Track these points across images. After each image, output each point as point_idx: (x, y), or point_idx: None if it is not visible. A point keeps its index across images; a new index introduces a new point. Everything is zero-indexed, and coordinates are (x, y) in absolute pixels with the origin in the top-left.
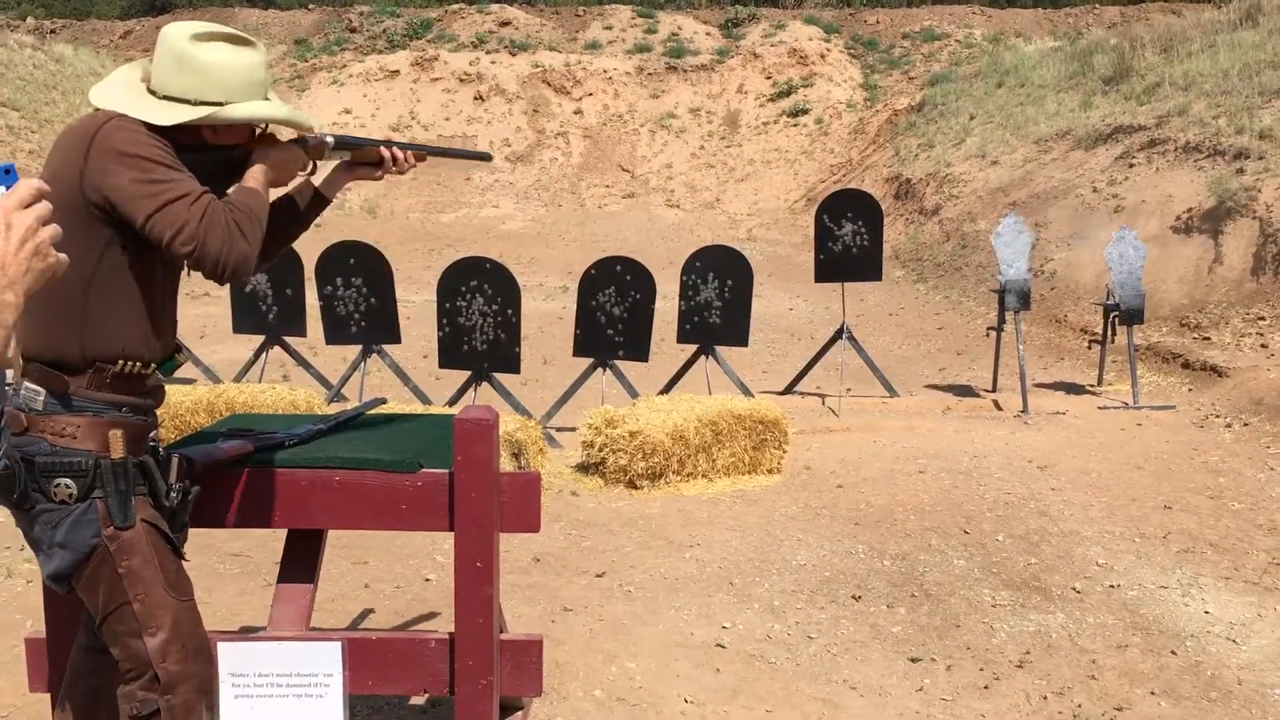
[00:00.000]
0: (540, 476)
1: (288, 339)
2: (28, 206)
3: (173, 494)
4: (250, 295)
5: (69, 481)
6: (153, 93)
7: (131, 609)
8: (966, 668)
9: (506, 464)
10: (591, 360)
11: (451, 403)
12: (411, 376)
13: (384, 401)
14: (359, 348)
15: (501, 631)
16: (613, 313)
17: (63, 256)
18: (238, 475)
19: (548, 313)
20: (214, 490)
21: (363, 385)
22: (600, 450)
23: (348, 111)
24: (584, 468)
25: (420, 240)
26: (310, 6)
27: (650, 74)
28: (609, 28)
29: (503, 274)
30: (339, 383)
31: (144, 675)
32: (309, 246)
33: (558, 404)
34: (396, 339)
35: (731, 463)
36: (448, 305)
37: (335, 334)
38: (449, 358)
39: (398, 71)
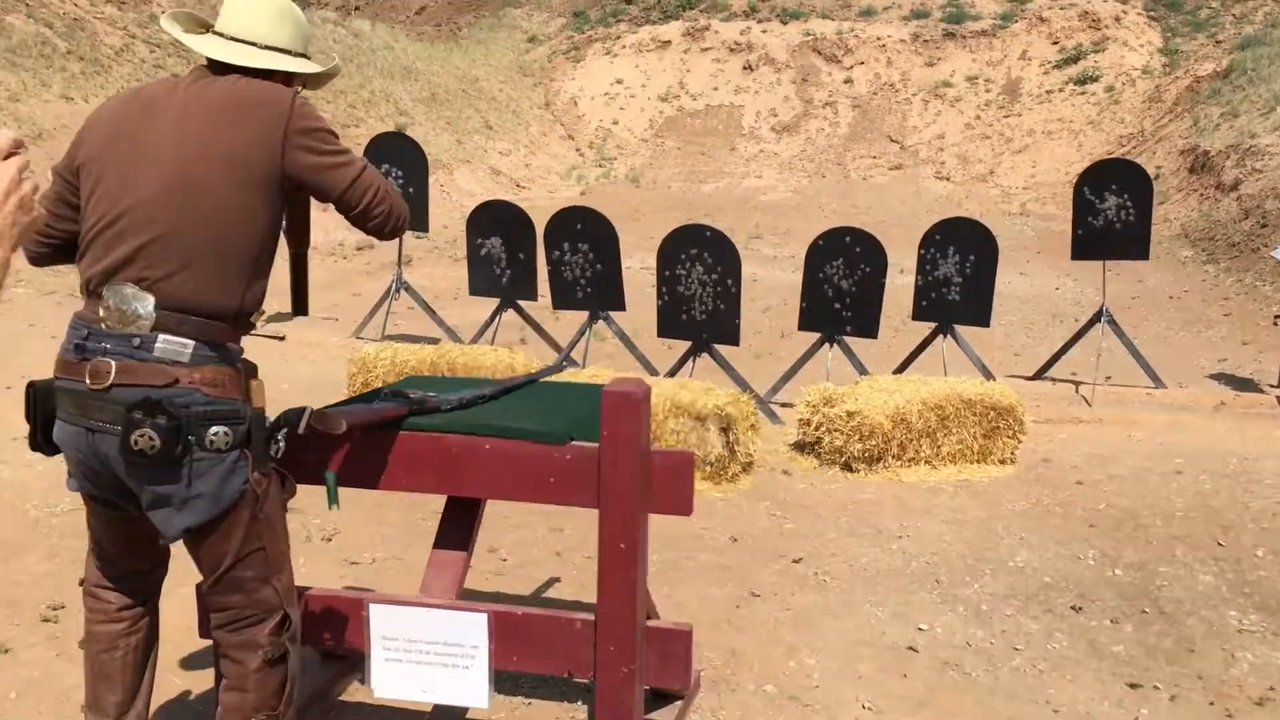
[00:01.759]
0: (693, 457)
1: (521, 303)
2: (7, 158)
3: (280, 443)
4: (485, 259)
5: (226, 430)
6: (244, 40)
7: (264, 553)
8: (1195, 700)
9: (715, 439)
10: (818, 335)
11: (671, 373)
12: (638, 344)
13: (564, 367)
14: (588, 313)
15: (649, 618)
16: (840, 286)
17: (42, 211)
18: (390, 438)
19: (794, 285)
20: (366, 451)
21: (587, 350)
22: (816, 429)
23: (619, 82)
24: (800, 446)
25: (680, 209)
26: None
27: (926, 41)
28: None
29: (723, 243)
30: (567, 347)
31: (270, 619)
32: (540, 212)
33: (782, 379)
34: (621, 306)
35: (958, 450)
36: (667, 273)
37: (561, 299)
38: (667, 327)
39: (669, 42)
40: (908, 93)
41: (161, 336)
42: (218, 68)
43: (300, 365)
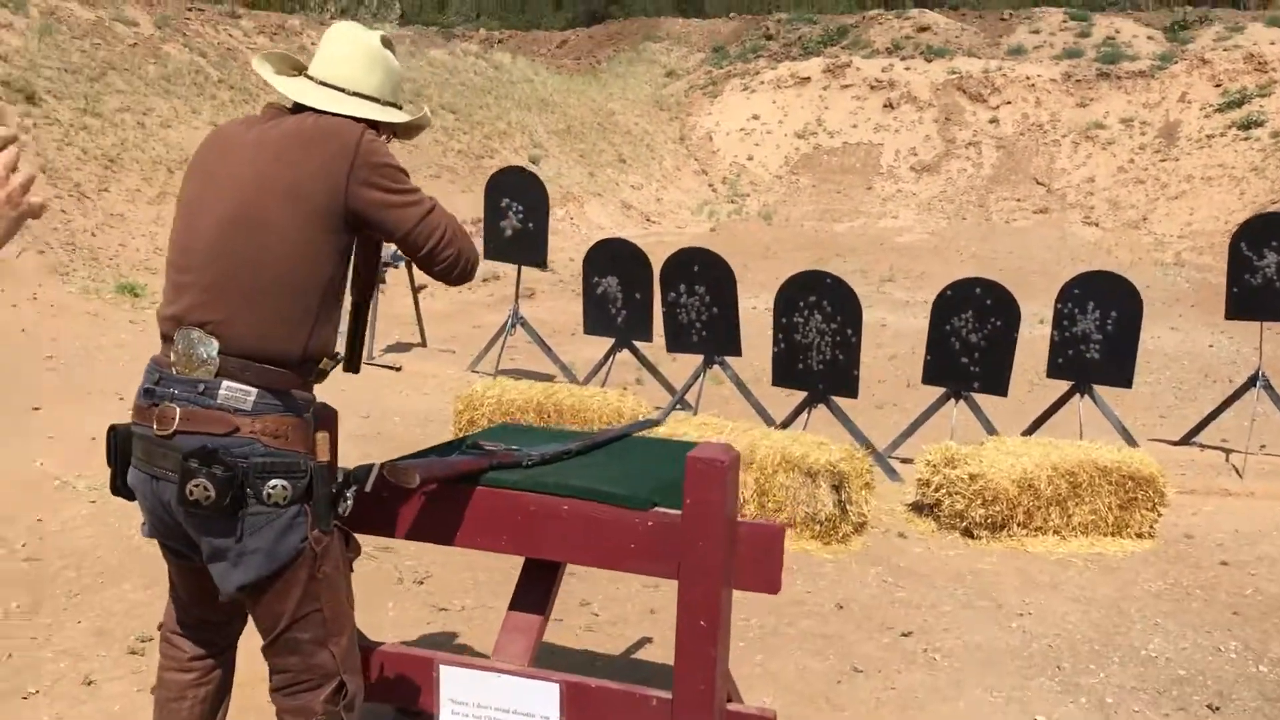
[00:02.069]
0: (784, 530)
1: (637, 343)
2: None
3: (348, 501)
4: (601, 298)
5: (285, 483)
6: (333, 86)
7: (322, 615)
8: None
9: (826, 496)
10: (943, 390)
11: (785, 424)
12: (758, 390)
13: (656, 423)
14: (701, 357)
15: (730, 699)
16: (969, 339)
17: (35, 200)
18: (467, 493)
19: (925, 332)
20: (441, 506)
21: (700, 395)
22: (936, 491)
23: (756, 117)
24: (918, 508)
25: (812, 248)
26: (732, 15)
27: (1078, 81)
28: (1036, 31)
29: (844, 291)
30: (680, 391)
31: (326, 685)
32: (658, 251)
33: (904, 434)
34: (737, 351)
35: (1090, 520)
36: (784, 320)
37: (676, 342)
38: (783, 375)
39: (808, 78)
40: (1057, 134)
41: (225, 383)
42: (299, 107)
43: (414, 398)
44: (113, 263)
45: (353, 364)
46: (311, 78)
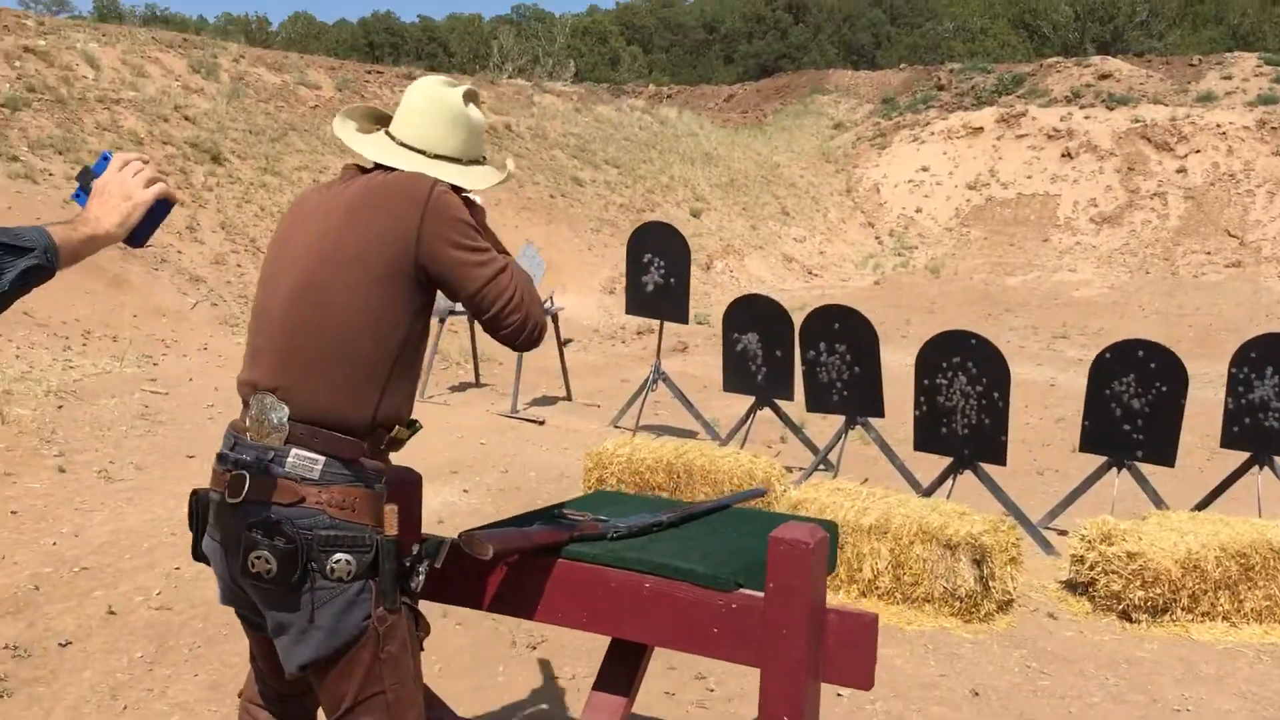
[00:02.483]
0: (877, 620)
1: (778, 401)
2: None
3: (420, 577)
4: (741, 355)
5: (349, 558)
6: (413, 148)
7: (385, 699)
8: None
9: (966, 571)
10: (1105, 459)
11: (929, 491)
12: (904, 451)
13: (762, 493)
14: (842, 417)
15: None
16: (1131, 405)
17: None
18: (548, 565)
19: None
20: (521, 578)
21: (840, 456)
22: (1091, 569)
23: (925, 169)
24: (1072, 586)
25: (980, 302)
26: (902, 66)
27: (1274, 128)
28: (1228, 78)
29: (989, 352)
30: (823, 451)
31: None
32: (832, 300)
33: (1062, 504)
34: (880, 412)
35: (1266, 607)
36: (926, 382)
37: (816, 401)
38: (925, 440)
39: (981, 128)
40: (1250, 184)
41: (294, 450)
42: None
43: (553, 453)
44: None
45: None
46: (393, 136)
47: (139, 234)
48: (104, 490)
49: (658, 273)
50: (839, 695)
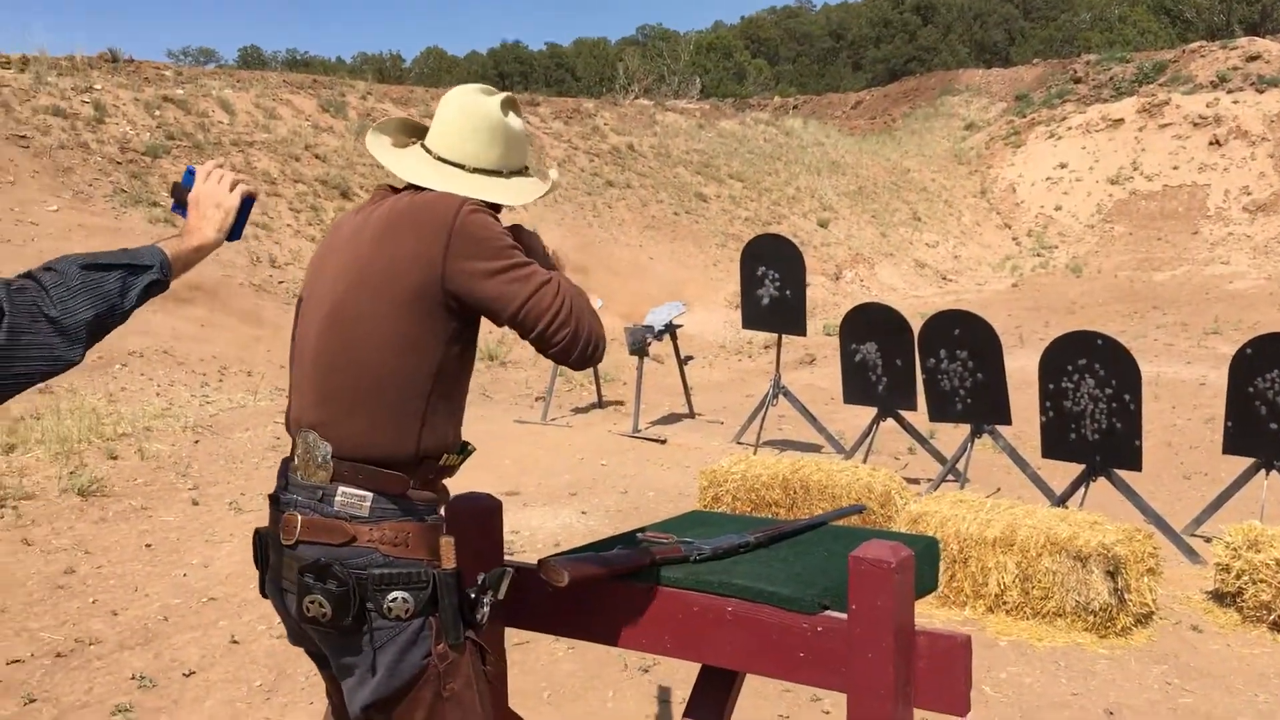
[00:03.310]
0: (969, 641)
1: (901, 412)
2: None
3: (485, 609)
4: (860, 365)
5: (406, 595)
6: (450, 162)
7: None
8: None
9: (1099, 583)
10: (1252, 461)
11: (1060, 501)
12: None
13: (861, 510)
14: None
15: None
16: (1277, 403)
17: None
18: (629, 590)
19: None
20: (602, 603)
21: (967, 465)
22: (1237, 578)
23: (1063, 165)
24: (1218, 597)
25: (1125, 300)
26: (1036, 61)
27: None
28: None
29: (1118, 353)
30: (950, 461)
31: None
32: (969, 305)
33: (1207, 510)
34: (1006, 419)
35: None
36: (1051, 386)
37: (938, 410)
38: (1053, 446)
39: (1121, 120)
40: None
41: (341, 488)
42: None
43: (674, 472)
44: None
45: None
46: (429, 150)
47: (233, 232)
48: (234, 521)
49: (773, 285)
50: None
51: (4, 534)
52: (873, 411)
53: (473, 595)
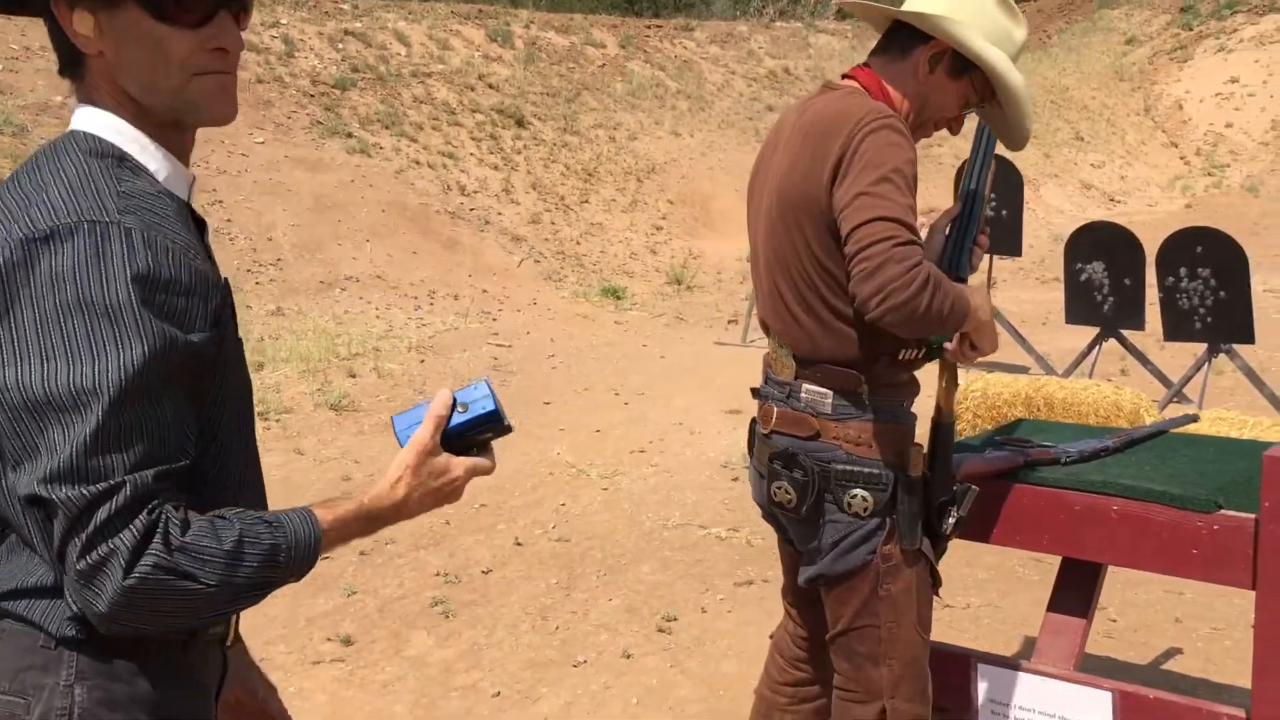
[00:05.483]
0: None
1: (1125, 332)
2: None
3: (950, 521)
4: (1085, 285)
5: (866, 494)
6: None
7: (877, 634)
8: None
9: None
10: None
11: None
12: (1268, 380)
13: (1195, 419)
14: (1204, 346)
15: None
16: None
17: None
18: (1004, 490)
19: None
20: (979, 504)
21: (1204, 388)
22: None
23: (1234, 80)
24: None
25: None
26: None
27: None
28: None
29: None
30: (1179, 383)
31: (869, 703)
32: (1151, 232)
33: None
34: (1249, 338)
35: None
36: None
37: (1175, 330)
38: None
39: None
40: None
41: (805, 385)
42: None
43: None
44: (596, 268)
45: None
46: None
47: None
48: None
49: (989, 208)
50: None
51: (276, 444)
52: (1071, 333)
53: (943, 502)
